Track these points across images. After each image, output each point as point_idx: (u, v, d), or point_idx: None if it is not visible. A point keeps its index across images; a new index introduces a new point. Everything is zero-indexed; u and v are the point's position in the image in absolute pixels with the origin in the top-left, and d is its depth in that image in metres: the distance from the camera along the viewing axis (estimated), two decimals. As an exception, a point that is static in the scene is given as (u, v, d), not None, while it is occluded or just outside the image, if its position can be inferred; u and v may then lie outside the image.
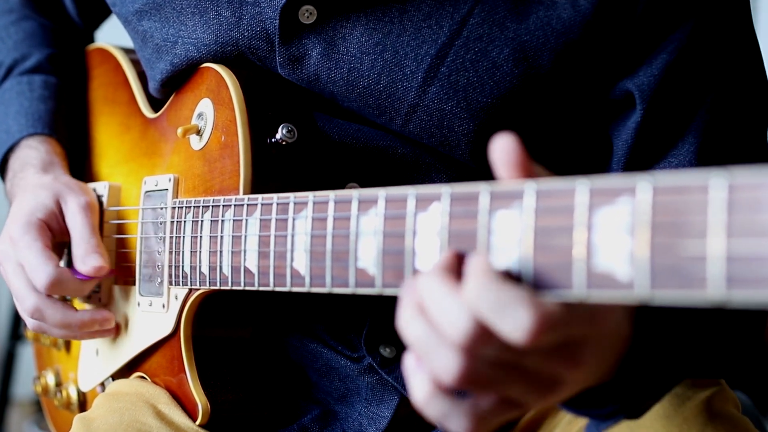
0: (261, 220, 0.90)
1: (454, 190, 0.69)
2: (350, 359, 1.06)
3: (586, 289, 0.60)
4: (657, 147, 0.97)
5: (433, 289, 0.65)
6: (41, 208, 1.13)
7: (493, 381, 0.66)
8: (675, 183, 0.56)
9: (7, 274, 1.13)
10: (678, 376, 0.84)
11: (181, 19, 1.07)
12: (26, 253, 1.09)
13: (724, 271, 0.53)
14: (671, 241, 0.56)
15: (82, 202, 1.14)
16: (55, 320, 1.11)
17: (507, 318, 0.61)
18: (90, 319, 1.13)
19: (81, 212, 1.13)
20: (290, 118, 1.01)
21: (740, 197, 0.53)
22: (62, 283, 1.09)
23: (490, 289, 0.62)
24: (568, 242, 0.61)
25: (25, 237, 1.10)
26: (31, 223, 1.11)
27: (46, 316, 1.11)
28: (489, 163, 1.01)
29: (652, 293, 0.57)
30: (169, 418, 1.05)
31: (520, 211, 0.64)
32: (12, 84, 1.29)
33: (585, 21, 0.94)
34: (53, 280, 1.08)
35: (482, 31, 0.97)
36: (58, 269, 1.08)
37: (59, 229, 1.14)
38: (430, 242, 0.70)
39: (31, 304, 1.10)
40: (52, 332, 1.14)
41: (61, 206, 1.14)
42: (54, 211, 1.14)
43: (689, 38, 0.95)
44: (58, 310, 1.11)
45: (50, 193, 1.14)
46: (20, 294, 1.11)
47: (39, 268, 1.08)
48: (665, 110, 0.96)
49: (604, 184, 0.60)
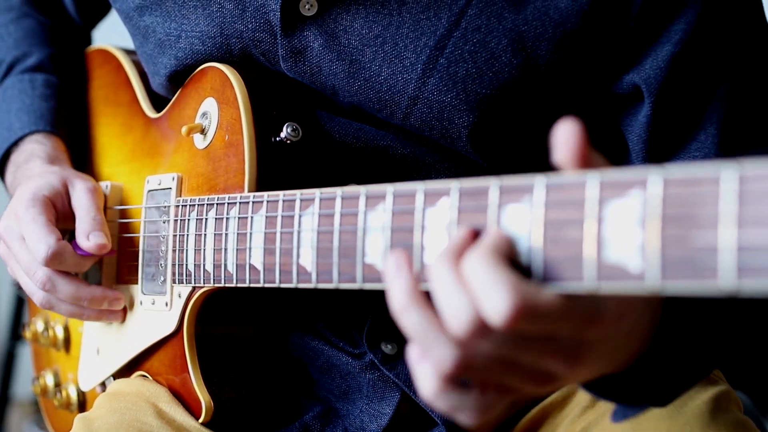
0: (267, 217, 0.90)
1: (463, 185, 0.70)
2: (352, 356, 1.07)
3: (596, 281, 0.61)
4: (674, 139, 0.97)
5: (440, 271, 0.66)
6: (48, 186, 1.13)
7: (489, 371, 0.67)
8: (686, 175, 0.57)
9: (12, 249, 1.12)
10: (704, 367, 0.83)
11: (183, 13, 1.08)
12: (29, 226, 1.09)
13: (735, 261, 0.54)
14: (682, 233, 0.57)
15: (89, 185, 1.15)
16: (67, 292, 1.11)
17: (489, 296, 0.62)
18: (101, 295, 1.13)
19: (88, 193, 1.13)
20: (294, 117, 1.01)
21: (751, 188, 0.54)
22: (63, 256, 1.08)
23: (482, 266, 0.63)
24: (579, 235, 0.62)
25: (30, 210, 1.10)
26: (37, 199, 1.11)
27: (57, 287, 1.11)
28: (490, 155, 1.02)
29: (663, 284, 0.57)
30: (171, 417, 1.05)
31: (530, 205, 0.65)
32: (13, 82, 1.30)
33: (582, 10, 0.95)
34: (54, 251, 1.07)
35: (480, 22, 0.97)
36: (59, 242, 1.08)
37: (63, 211, 1.14)
38: (438, 237, 0.71)
39: (43, 274, 1.10)
40: (60, 308, 1.14)
41: (68, 189, 1.15)
42: (60, 192, 1.14)
43: (694, 28, 0.95)
44: (70, 282, 1.11)
45: (58, 177, 1.15)
46: (30, 266, 1.11)
47: (41, 239, 1.08)
48: (676, 102, 0.97)
49: (615, 177, 0.60)
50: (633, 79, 0.97)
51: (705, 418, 0.94)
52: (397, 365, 1.04)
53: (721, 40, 0.97)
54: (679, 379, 0.80)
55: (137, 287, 1.13)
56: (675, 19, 0.95)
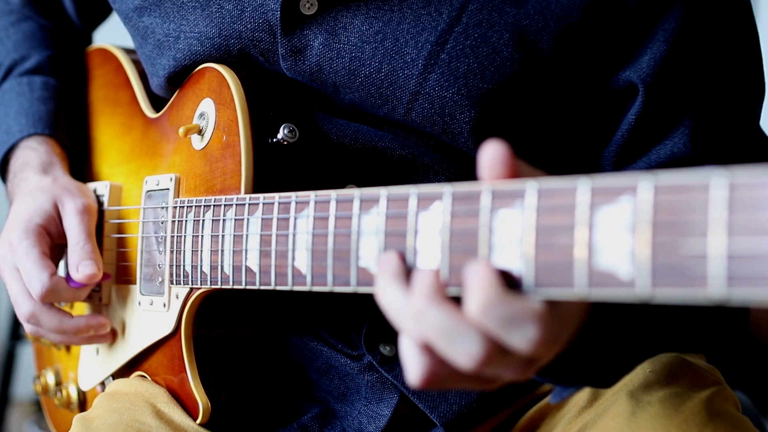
0: (263, 219, 0.90)
1: (455, 189, 0.69)
2: (350, 357, 1.07)
3: (587, 288, 0.61)
4: (653, 133, 0.98)
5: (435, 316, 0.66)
6: (40, 212, 1.14)
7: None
8: (676, 182, 0.57)
9: (5, 278, 1.14)
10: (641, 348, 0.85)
11: (182, 14, 1.08)
12: (24, 261, 1.11)
13: (725, 269, 0.54)
14: (672, 240, 0.56)
15: (79, 205, 1.15)
16: (51, 326, 1.13)
17: (516, 333, 0.63)
18: (85, 325, 1.14)
19: (77, 216, 1.14)
20: (291, 118, 1.01)
21: (741, 196, 0.54)
22: (57, 292, 1.11)
23: (497, 304, 0.63)
24: (570, 241, 0.61)
25: (24, 243, 1.11)
26: (30, 229, 1.12)
27: (41, 322, 1.13)
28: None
29: (653, 291, 0.57)
30: (169, 418, 1.05)
31: (521, 210, 0.64)
32: (12, 85, 1.30)
33: (583, 3, 0.95)
34: (48, 289, 1.09)
35: (481, 17, 0.97)
36: (53, 279, 1.10)
37: (57, 233, 1.16)
38: (431, 241, 0.71)
39: (27, 309, 1.12)
40: (49, 337, 1.16)
41: (59, 209, 1.15)
42: (53, 215, 1.15)
43: (682, 27, 0.95)
44: (54, 316, 1.13)
45: (49, 197, 1.15)
46: (17, 299, 1.13)
47: (35, 276, 1.10)
48: (664, 98, 0.97)
49: (606, 183, 0.60)
50: (629, 75, 0.97)
51: (702, 417, 0.94)
52: (395, 367, 1.04)
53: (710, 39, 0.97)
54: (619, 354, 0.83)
55: (135, 288, 1.13)
56: (664, 17, 0.95)
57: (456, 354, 0.65)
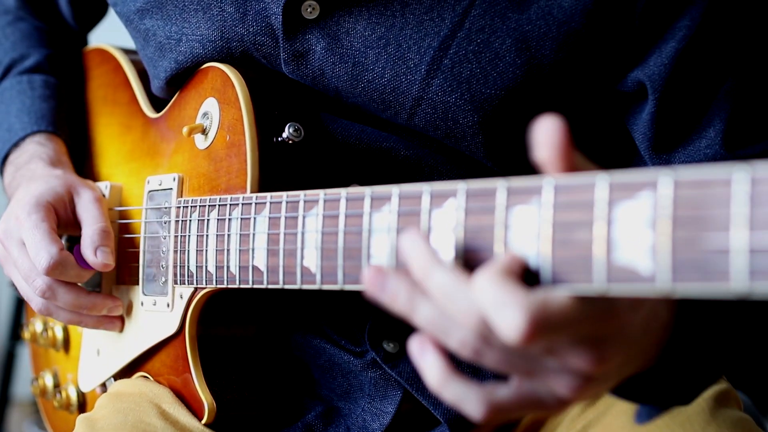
0: (270, 218, 0.90)
1: (470, 186, 0.69)
2: (353, 354, 1.07)
3: (606, 283, 0.61)
4: (677, 135, 0.97)
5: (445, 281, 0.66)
6: (52, 193, 1.12)
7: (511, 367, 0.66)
8: (697, 177, 0.57)
9: (11, 253, 1.11)
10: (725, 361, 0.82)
11: (184, 17, 1.08)
12: (32, 233, 1.08)
13: (748, 263, 0.54)
14: (693, 235, 0.56)
15: (96, 194, 1.14)
16: (66, 300, 1.10)
17: (501, 316, 0.62)
18: (101, 302, 1.12)
19: (95, 202, 1.12)
20: (297, 117, 1.01)
21: (763, 190, 0.54)
22: (64, 267, 1.07)
23: (492, 286, 0.62)
24: (588, 237, 0.61)
25: (32, 216, 1.09)
26: (39, 204, 1.10)
27: (57, 296, 1.10)
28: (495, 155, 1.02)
29: (673, 286, 0.57)
30: (174, 418, 1.04)
31: (538, 207, 0.64)
32: (12, 83, 1.29)
33: (586, 9, 0.95)
34: (56, 262, 1.06)
35: (484, 23, 0.97)
36: (61, 252, 1.07)
37: (65, 218, 1.13)
38: (445, 239, 0.70)
39: (42, 282, 1.09)
40: (59, 315, 1.13)
41: (72, 197, 1.14)
42: (64, 200, 1.13)
43: (699, 24, 0.95)
44: (70, 290, 1.10)
45: (63, 182, 1.14)
46: (30, 274, 1.09)
47: (44, 248, 1.07)
48: (680, 98, 0.97)
49: (625, 178, 0.60)
50: (637, 76, 0.97)
51: (705, 416, 0.95)
52: (399, 363, 1.04)
53: (727, 35, 0.97)
54: (701, 373, 0.80)
55: (138, 288, 1.13)
56: (680, 16, 0.95)
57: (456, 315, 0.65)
